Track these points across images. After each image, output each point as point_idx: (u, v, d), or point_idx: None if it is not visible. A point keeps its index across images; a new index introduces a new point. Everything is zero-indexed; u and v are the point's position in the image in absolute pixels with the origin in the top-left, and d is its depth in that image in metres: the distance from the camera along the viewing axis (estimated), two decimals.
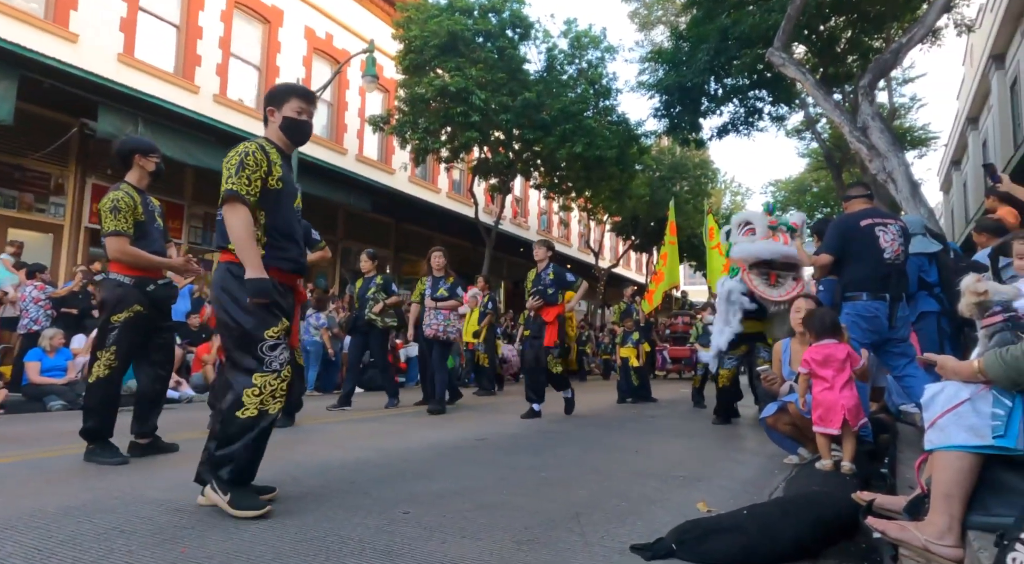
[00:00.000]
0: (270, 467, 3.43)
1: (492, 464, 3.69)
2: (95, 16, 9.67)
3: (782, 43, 9.15)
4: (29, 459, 3.64)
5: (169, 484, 2.94)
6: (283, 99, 2.74)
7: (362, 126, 14.88)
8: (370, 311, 6.79)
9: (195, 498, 2.64)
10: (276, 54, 12.90)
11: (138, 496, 2.69)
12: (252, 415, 2.49)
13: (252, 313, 2.51)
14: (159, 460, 3.64)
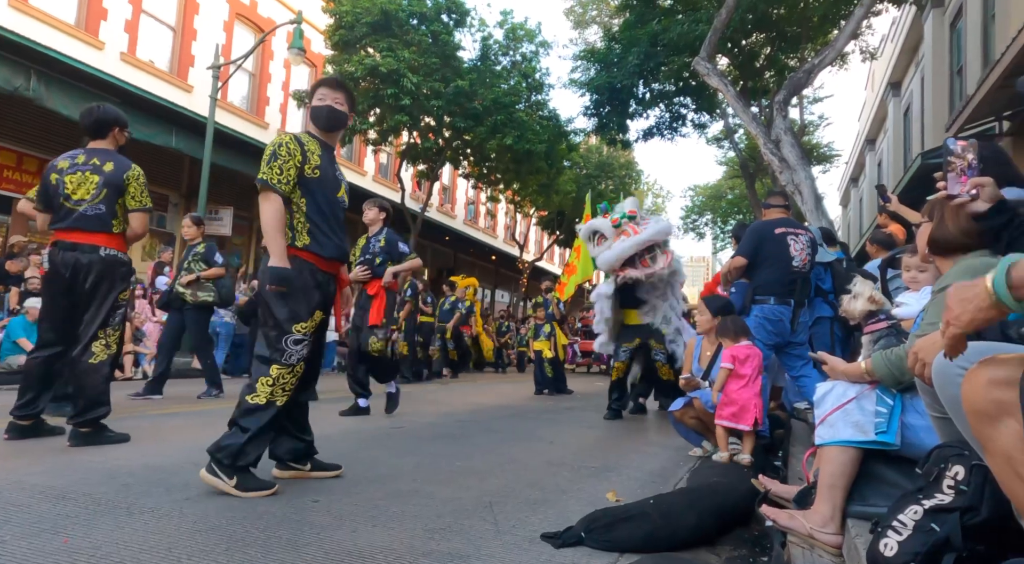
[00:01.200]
0: (171, 451, 3.24)
1: (407, 452, 3.65)
2: None
3: (707, 54, 9.53)
4: None
5: (54, 469, 2.72)
6: (312, 92, 2.88)
7: (286, 100, 14.25)
8: (179, 283, 5.95)
9: (82, 484, 2.47)
10: (194, 15, 12.10)
11: (16, 482, 2.47)
12: (259, 402, 2.55)
13: (286, 305, 2.59)
14: (44, 445, 3.36)
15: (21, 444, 3.33)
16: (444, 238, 19.56)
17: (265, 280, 2.61)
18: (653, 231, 5.55)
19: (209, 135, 9.73)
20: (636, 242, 5.49)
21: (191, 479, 2.68)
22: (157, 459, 3.06)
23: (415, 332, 9.86)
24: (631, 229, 5.61)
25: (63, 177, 3.52)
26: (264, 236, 2.65)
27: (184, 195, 11.78)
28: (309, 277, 2.67)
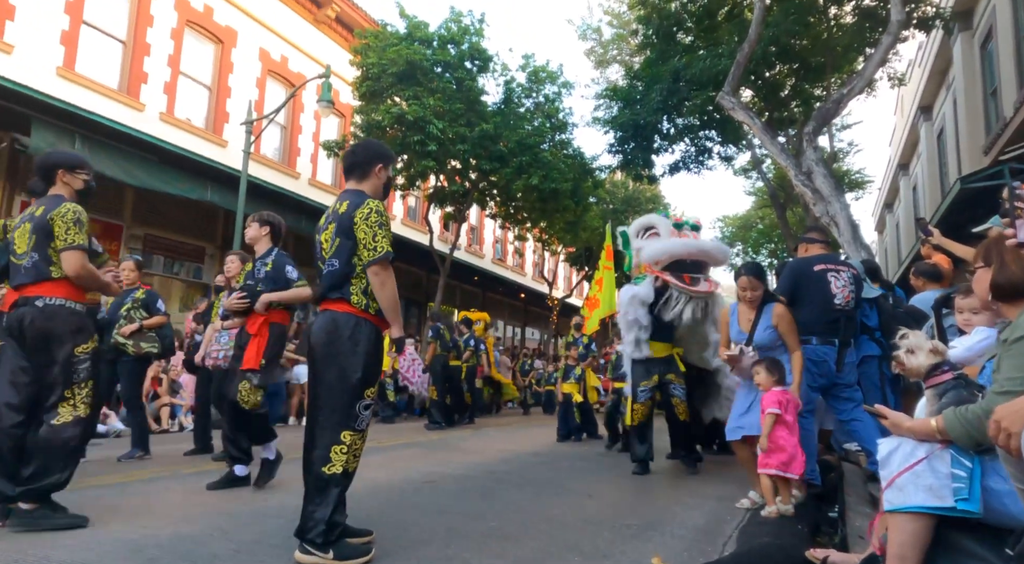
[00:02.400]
0: (201, 516, 3.18)
1: (439, 512, 3.52)
2: (34, 27, 9.24)
3: (731, 87, 9.50)
4: None
5: (82, 542, 2.67)
6: (391, 160, 2.93)
7: (316, 150, 14.63)
8: (117, 332, 5.28)
9: (107, 558, 2.41)
10: (228, 74, 12.61)
11: (42, 558, 2.42)
12: (336, 472, 2.49)
13: (361, 370, 2.54)
14: (76, 511, 3.32)
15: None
16: (473, 278, 19.61)
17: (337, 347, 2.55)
18: (714, 248, 5.17)
19: (243, 188, 9.99)
20: (694, 246, 5.05)
21: (217, 550, 2.61)
22: (182, 528, 2.99)
23: (446, 376, 9.76)
24: (692, 235, 5.24)
25: (12, 234, 3.21)
26: (388, 308, 2.62)
27: (219, 247, 12.06)
28: (377, 342, 2.65)
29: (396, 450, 6.45)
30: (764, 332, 3.71)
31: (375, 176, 2.79)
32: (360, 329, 2.57)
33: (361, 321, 2.59)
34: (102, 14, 10.39)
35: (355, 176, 2.79)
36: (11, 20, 9.02)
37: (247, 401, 4.02)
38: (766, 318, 3.70)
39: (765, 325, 3.70)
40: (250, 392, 4.02)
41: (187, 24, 11.75)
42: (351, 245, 2.60)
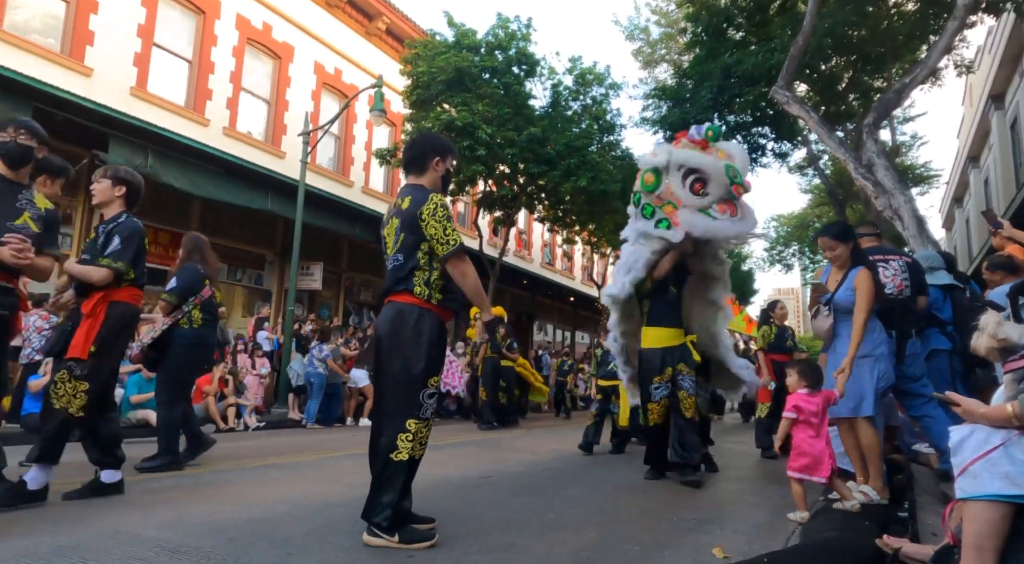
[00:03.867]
0: (271, 503, 3.33)
1: (496, 505, 3.58)
2: (110, 51, 9.88)
3: (785, 82, 9.27)
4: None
5: (167, 522, 2.85)
6: (448, 153, 2.90)
7: (369, 159, 15.03)
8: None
9: (192, 537, 2.57)
10: (286, 88, 13.12)
11: (136, 535, 2.61)
12: (403, 459, 2.58)
13: (424, 360, 2.61)
14: (155, 497, 3.54)
15: (131, 497, 3.51)
16: (522, 282, 19.68)
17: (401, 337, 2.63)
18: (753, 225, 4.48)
19: (300, 196, 10.37)
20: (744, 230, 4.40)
21: (290, 533, 2.74)
22: (258, 512, 3.15)
23: (497, 376, 9.85)
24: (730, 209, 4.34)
25: None
26: (473, 294, 2.73)
27: (278, 253, 12.53)
28: (440, 332, 2.72)
29: (452, 448, 6.56)
30: (844, 293, 3.54)
31: (433, 169, 2.83)
32: (423, 320, 2.64)
33: (424, 312, 2.66)
34: (170, 36, 11.00)
35: (414, 171, 2.85)
36: (91, 46, 9.66)
37: (61, 396, 3.15)
38: (849, 280, 3.53)
39: (847, 287, 3.53)
40: (67, 385, 3.15)
41: (248, 42, 12.31)
42: (415, 239, 2.66)
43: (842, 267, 3.64)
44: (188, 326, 4.71)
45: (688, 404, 4.45)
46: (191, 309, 4.72)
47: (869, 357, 3.42)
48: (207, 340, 4.89)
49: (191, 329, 4.72)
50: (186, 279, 4.74)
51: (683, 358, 4.50)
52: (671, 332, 4.55)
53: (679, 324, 4.61)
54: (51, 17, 9.49)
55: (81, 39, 9.58)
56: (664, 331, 4.53)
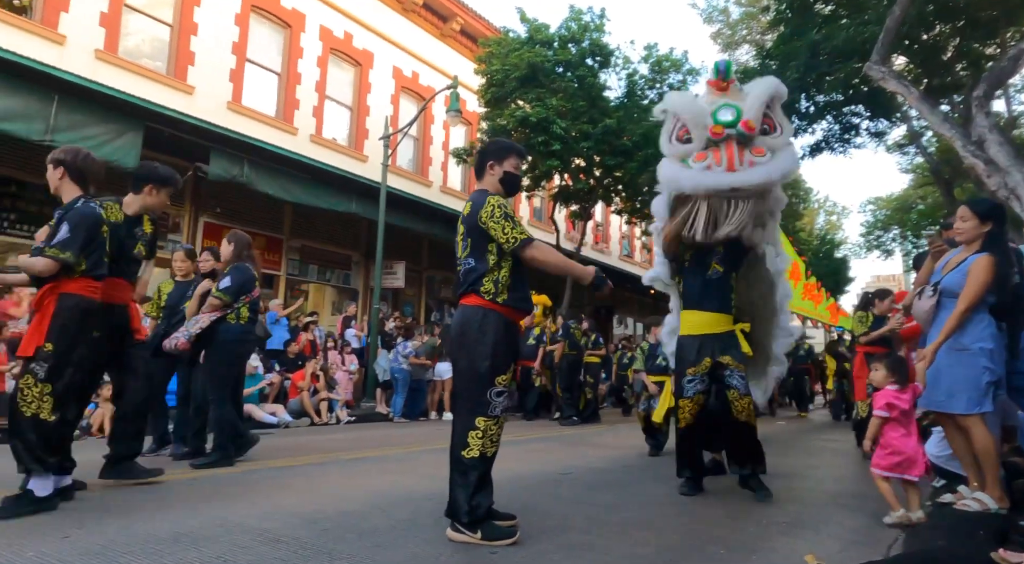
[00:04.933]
0: (360, 496, 3.50)
1: (577, 502, 3.58)
2: (209, 70, 10.60)
3: (880, 56, 8.66)
4: (141, 485, 3.90)
5: (266, 512, 3.05)
6: (504, 155, 2.94)
7: (446, 159, 15.34)
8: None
9: (289, 528, 2.73)
10: (367, 94, 13.61)
11: (238, 525, 2.81)
12: (474, 456, 2.65)
13: (490, 358, 2.68)
14: (255, 488, 3.80)
15: (234, 489, 3.78)
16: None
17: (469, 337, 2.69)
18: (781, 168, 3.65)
19: (382, 198, 10.74)
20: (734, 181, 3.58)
21: (378, 525, 2.87)
22: (348, 504, 3.31)
23: (575, 372, 9.81)
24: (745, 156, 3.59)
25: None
26: (564, 268, 2.90)
27: (363, 254, 13.04)
28: (506, 331, 2.76)
29: (532, 443, 6.62)
30: (955, 276, 3.26)
31: (489, 173, 2.93)
32: (488, 319, 2.70)
33: (489, 312, 2.72)
34: (261, 51, 11.67)
35: (478, 177, 3.01)
36: (192, 65, 10.41)
37: (30, 403, 2.97)
38: (967, 263, 3.25)
39: (961, 270, 3.25)
40: (33, 390, 2.97)
41: (331, 51, 12.85)
42: (480, 242, 2.76)
43: (968, 246, 3.35)
44: (235, 321, 4.63)
45: (742, 406, 3.75)
46: (240, 306, 4.66)
47: (966, 351, 3.14)
48: (252, 336, 4.85)
49: (238, 324, 4.64)
50: (240, 278, 4.66)
51: (727, 348, 3.79)
52: (712, 317, 3.85)
53: (724, 308, 3.88)
54: (158, 41, 10.30)
55: (184, 60, 10.34)
56: (703, 316, 3.86)
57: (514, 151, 2.98)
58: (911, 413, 3.13)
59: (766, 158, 3.59)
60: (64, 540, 2.50)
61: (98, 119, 7.75)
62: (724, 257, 3.90)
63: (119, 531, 2.63)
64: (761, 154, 3.59)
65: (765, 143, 3.65)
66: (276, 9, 11.87)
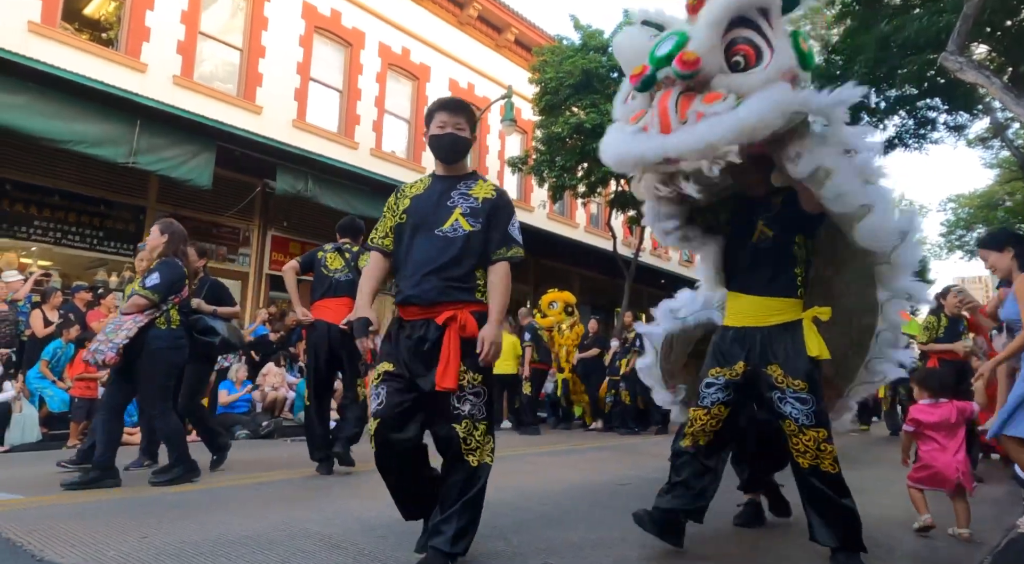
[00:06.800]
0: None
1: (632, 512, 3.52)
2: (276, 89, 11.12)
3: (957, 45, 8.16)
4: (215, 487, 4.11)
5: (329, 517, 3.16)
6: (429, 119, 2.59)
7: (502, 168, 15.48)
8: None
9: (349, 533, 2.82)
10: (424, 107, 13.91)
11: (301, 530, 2.92)
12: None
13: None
14: (321, 492, 3.93)
15: (298, 492, 3.92)
16: (660, 281, 19.12)
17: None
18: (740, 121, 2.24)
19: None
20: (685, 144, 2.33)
21: None
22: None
23: (634, 380, 9.66)
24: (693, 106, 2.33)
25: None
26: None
27: None
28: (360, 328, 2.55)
29: (587, 453, 6.56)
30: (1008, 307, 3.14)
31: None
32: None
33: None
34: (323, 69, 12.14)
35: None
36: (260, 86, 10.94)
37: None
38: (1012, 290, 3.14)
39: (1010, 299, 3.13)
40: None
41: (389, 67, 13.23)
42: None
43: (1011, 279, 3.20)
44: (166, 326, 4.10)
45: (807, 445, 2.51)
46: (169, 308, 4.13)
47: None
48: (184, 341, 4.26)
49: (168, 329, 4.11)
50: (170, 276, 4.12)
51: (778, 352, 2.60)
52: (758, 302, 2.71)
53: (779, 290, 2.69)
54: (229, 64, 10.89)
55: (252, 81, 10.88)
56: (746, 300, 2.75)
57: (439, 107, 2.55)
58: (954, 427, 3.04)
59: (723, 105, 2.27)
60: (143, 540, 2.66)
61: (176, 141, 8.25)
62: (779, 216, 2.73)
63: (192, 532, 2.79)
64: (715, 101, 2.29)
65: (729, 83, 2.33)
66: (337, 29, 12.33)
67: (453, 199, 2.48)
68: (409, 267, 2.43)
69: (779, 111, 2.24)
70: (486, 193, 2.50)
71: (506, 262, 2.46)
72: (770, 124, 2.24)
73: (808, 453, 2.52)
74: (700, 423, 2.71)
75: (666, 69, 2.38)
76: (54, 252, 8.65)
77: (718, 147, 2.26)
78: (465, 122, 2.55)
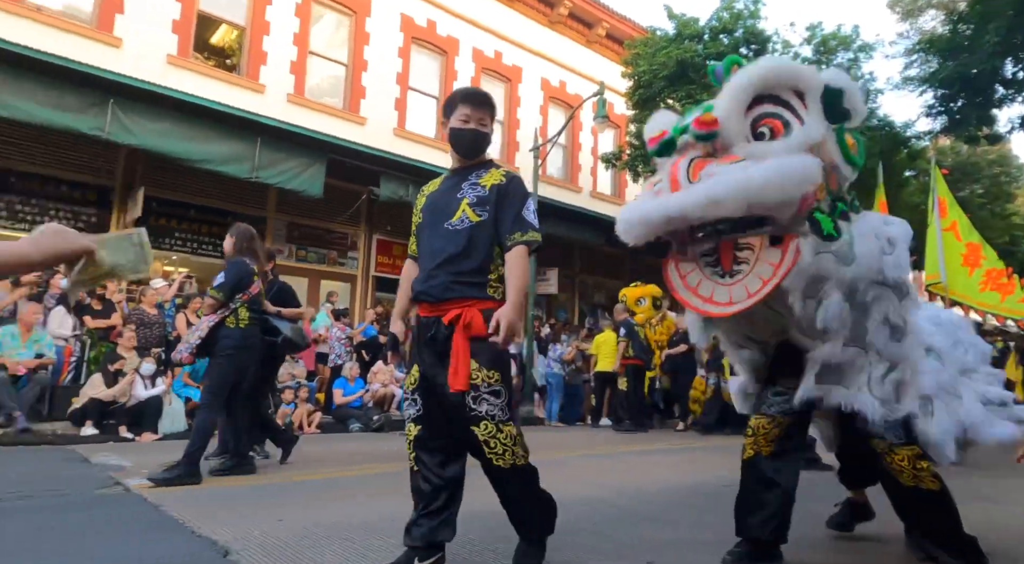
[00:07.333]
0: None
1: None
2: (377, 100, 11.73)
3: None
4: (334, 477, 4.47)
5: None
6: (450, 109, 2.44)
7: (595, 164, 15.42)
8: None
9: (461, 524, 3.00)
10: (516, 108, 14.14)
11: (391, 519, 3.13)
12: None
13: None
14: None
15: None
16: None
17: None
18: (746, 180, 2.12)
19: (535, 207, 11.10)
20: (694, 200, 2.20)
21: None
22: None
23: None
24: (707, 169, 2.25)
25: None
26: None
27: None
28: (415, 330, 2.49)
29: (686, 452, 6.45)
30: None
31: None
32: None
33: None
34: (421, 78, 12.65)
35: None
36: (364, 98, 11.59)
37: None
38: None
39: None
40: None
41: (482, 71, 13.56)
42: None
43: None
44: (234, 325, 4.27)
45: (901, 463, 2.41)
46: (238, 306, 4.29)
47: None
48: (255, 340, 4.42)
49: (237, 328, 4.27)
50: (235, 274, 4.30)
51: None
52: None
53: None
54: (334, 78, 11.62)
55: (356, 94, 11.55)
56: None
57: (463, 99, 2.41)
58: None
59: (736, 166, 2.19)
60: (279, 522, 2.99)
61: (291, 155, 8.96)
62: None
63: (318, 517, 3.09)
64: (731, 161, 2.24)
65: (750, 150, 2.26)
66: (433, 38, 12.80)
67: (463, 190, 2.38)
68: (421, 262, 2.41)
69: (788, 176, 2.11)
70: (494, 179, 2.37)
71: (523, 246, 2.30)
72: (777, 189, 2.11)
73: (905, 473, 2.42)
74: (763, 432, 2.54)
75: (685, 136, 2.37)
76: (191, 261, 9.64)
77: (721, 203, 2.14)
78: (488, 117, 2.43)
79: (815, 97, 2.34)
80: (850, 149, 2.43)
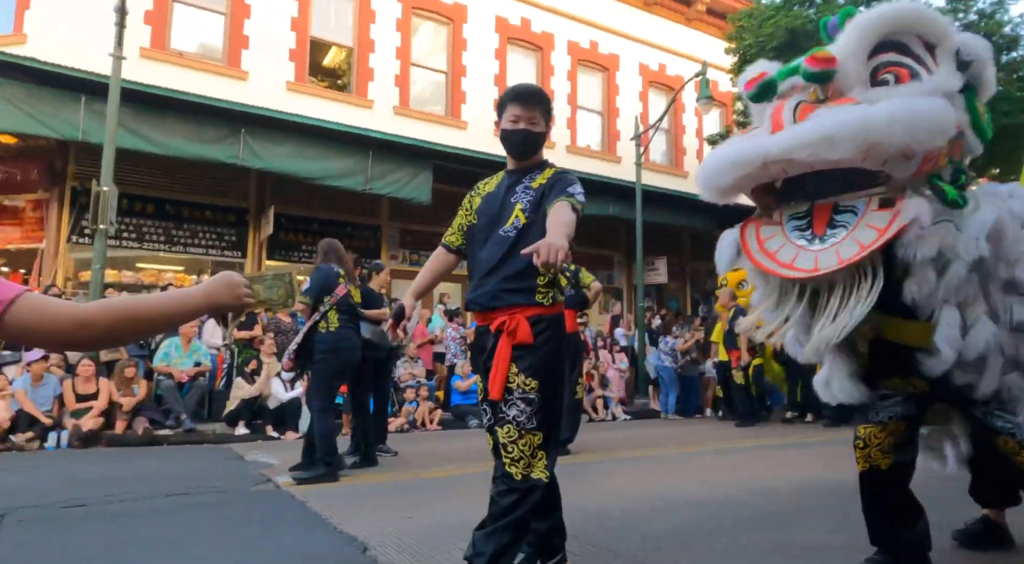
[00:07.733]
0: (640, 496, 3.69)
1: (843, 515, 3.24)
2: (477, 102, 12.01)
3: None
4: (454, 475, 4.67)
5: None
6: (501, 109, 2.33)
7: (700, 146, 14.82)
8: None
9: (578, 523, 3.04)
10: (615, 97, 13.90)
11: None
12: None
13: None
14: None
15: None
16: None
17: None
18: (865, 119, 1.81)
19: (638, 197, 10.89)
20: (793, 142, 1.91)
21: (657, 528, 3.01)
22: (629, 504, 3.53)
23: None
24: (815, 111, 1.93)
25: None
26: None
27: (624, 253, 13.34)
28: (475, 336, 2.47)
29: (815, 447, 6.08)
30: None
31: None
32: None
33: None
34: (517, 76, 12.58)
35: None
36: (464, 103, 11.91)
37: None
38: None
39: None
40: None
41: (579, 63, 13.46)
42: None
43: None
44: (325, 329, 4.49)
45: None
46: (328, 310, 4.50)
47: None
48: (347, 342, 4.60)
49: (328, 333, 4.48)
50: (319, 279, 4.58)
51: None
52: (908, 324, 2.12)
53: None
54: (435, 86, 12.03)
55: (457, 99, 11.89)
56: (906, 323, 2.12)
57: (512, 98, 2.29)
58: None
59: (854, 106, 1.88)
60: (408, 520, 3.18)
61: (400, 165, 9.41)
62: None
63: (443, 515, 3.25)
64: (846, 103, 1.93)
65: (872, 94, 1.93)
66: (528, 35, 12.88)
67: (516, 194, 2.28)
68: (472, 270, 2.34)
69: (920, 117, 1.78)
70: (543, 179, 2.27)
71: (565, 202, 2.13)
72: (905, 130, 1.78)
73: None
74: (877, 442, 2.29)
75: (791, 78, 2.05)
76: None
77: (836, 142, 1.82)
78: (540, 115, 2.29)
79: (948, 53, 2.03)
80: (980, 117, 2.11)
